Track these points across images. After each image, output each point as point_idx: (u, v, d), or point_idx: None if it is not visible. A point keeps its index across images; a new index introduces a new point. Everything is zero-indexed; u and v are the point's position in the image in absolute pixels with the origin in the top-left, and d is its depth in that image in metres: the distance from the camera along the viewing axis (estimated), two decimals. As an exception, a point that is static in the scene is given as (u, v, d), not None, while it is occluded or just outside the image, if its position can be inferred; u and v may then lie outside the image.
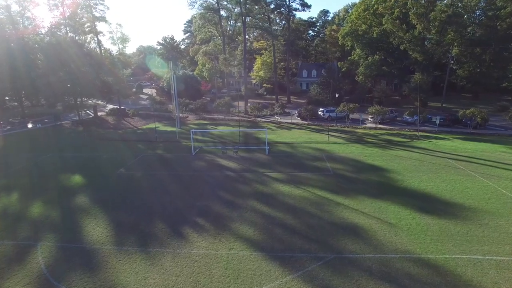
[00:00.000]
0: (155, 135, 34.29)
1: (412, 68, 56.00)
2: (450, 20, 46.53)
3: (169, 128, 40.36)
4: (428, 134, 34.25)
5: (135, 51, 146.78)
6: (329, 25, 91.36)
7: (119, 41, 76.99)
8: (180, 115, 47.10)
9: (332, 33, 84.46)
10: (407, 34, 51.45)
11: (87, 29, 61.26)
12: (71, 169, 24.60)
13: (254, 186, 20.25)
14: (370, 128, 38.36)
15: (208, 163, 25.47)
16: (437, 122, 34.59)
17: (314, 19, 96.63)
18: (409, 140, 32.00)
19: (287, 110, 48.92)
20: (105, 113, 51.19)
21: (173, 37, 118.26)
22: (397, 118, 42.09)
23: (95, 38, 61.63)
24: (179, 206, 17.64)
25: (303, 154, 27.59)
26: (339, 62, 65.03)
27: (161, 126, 42.21)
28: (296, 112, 44.57)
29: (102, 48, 61.74)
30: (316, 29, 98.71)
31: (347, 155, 26.91)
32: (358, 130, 37.38)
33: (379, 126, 38.41)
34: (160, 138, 34.23)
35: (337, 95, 36.87)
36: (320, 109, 44.93)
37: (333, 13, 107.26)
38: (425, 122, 37.60)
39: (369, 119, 41.45)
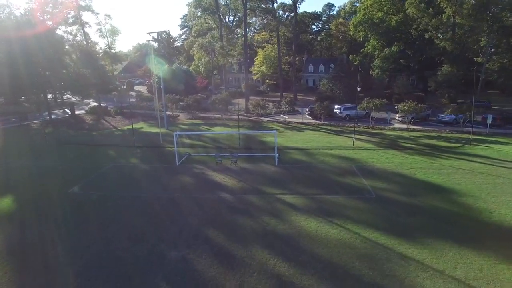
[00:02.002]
0: (132, 139, 27.13)
1: (438, 60, 48.94)
2: (488, 2, 39.47)
3: (154, 129, 33.26)
4: (478, 137, 27.10)
5: (131, 49, 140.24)
6: (334, 19, 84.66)
7: (108, 33, 69.65)
8: (169, 113, 40.12)
9: (339, 26, 77.57)
10: (434, 20, 44.43)
11: (71, 20, 54.52)
12: (6, 186, 17.60)
13: (263, 220, 13.18)
14: (401, 129, 31.20)
15: (195, 179, 18.39)
16: (489, 121, 27.52)
17: (318, 13, 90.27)
18: (458, 145, 24.86)
19: (296, 108, 41.99)
20: (84, 112, 44.36)
21: (169, 33, 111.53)
22: (430, 117, 34.95)
23: (81, 30, 54.96)
24: (140, 260, 10.60)
25: (326, 165, 20.49)
26: (350, 55, 57.92)
27: (145, 127, 35.18)
28: (307, 110, 37.44)
29: (89, 41, 55.15)
30: (320, 23, 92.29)
31: (386, 166, 19.82)
32: (386, 132, 30.19)
33: (411, 126, 31.29)
34: (139, 142, 27.10)
35: (359, 89, 30.03)
36: (336, 106, 37.76)
37: (338, 7, 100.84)
38: (468, 122, 30.53)
39: (396, 118, 34.38)
